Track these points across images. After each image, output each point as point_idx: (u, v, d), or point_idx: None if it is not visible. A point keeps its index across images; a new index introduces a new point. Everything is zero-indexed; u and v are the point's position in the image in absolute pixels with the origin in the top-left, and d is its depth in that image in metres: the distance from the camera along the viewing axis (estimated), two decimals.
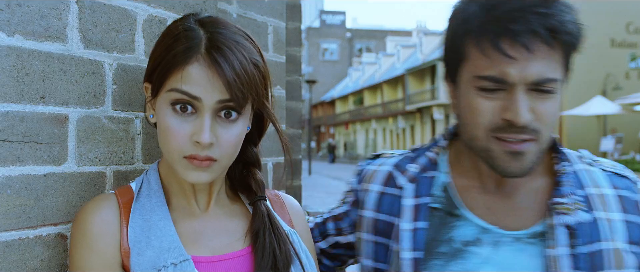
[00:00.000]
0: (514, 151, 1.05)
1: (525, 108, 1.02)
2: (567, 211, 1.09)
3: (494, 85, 1.04)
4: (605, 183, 1.15)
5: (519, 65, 1.01)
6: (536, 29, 0.99)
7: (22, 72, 1.00)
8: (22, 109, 1.00)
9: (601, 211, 1.11)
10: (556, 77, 1.04)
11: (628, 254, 1.10)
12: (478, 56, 1.05)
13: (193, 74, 0.97)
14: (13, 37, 0.99)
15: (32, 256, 1.02)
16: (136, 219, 1.03)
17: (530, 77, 1.01)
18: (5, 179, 0.98)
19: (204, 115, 0.98)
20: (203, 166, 1.00)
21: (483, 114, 1.05)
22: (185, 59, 0.97)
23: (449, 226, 1.15)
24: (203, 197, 1.11)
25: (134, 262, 0.99)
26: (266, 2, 1.74)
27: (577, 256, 1.07)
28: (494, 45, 1.01)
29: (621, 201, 1.14)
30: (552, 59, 1.02)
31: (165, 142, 1.01)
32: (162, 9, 1.25)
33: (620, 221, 1.12)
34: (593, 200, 1.12)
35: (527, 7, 1.00)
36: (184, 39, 1.00)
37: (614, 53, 24.11)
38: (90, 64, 1.12)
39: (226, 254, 1.07)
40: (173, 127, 0.99)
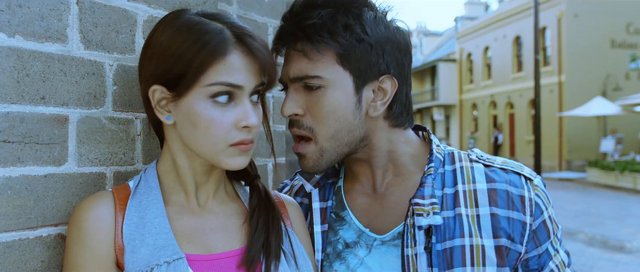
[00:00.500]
0: (296, 152, 1.20)
1: (290, 102, 1.17)
2: (423, 212, 1.13)
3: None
4: (481, 179, 1.18)
5: (284, 68, 1.19)
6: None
7: (22, 73, 1.00)
8: (23, 109, 1.00)
9: (465, 207, 1.15)
10: (313, 74, 1.14)
11: (491, 249, 1.12)
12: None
13: (234, 64, 1.00)
14: (13, 38, 0.99)
15: (33, 257, 1.02)
16: (131, 217, 1.03)
17: (291, 75, 1.17)
18: (6, 179, 0.98)
19: (245, 101, 1.03)
20: (248, 149, 1.05)
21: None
22: (223, 51, 0.99)
23: (336, 229, 1.26)
24: (205, 192, 1.12)
25: (128, 259, 0.99)
26: (266, 2, 1.74)
27: (432, 253, 1.12)
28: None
29: (493, 195, 1.16)
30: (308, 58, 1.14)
31: (207, 135, 1.01)
32: (162, 9, 1.25)
33: (487, 215, 1.14)
34: (457, 198, 1.16)
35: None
36: (208, 32, 1.00)
37: (614, 54, 24.10)
38: (90, 64, 1.12)
39: (222, 253, 1.07)
40: (217, 118, 1.00)
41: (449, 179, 1.20)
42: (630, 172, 16.55)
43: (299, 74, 1.15)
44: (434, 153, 1.23)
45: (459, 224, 1.14)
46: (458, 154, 1.25)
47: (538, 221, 1.16)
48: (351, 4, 1.15)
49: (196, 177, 1.10)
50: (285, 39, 1.18)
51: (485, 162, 1.23)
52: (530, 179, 1.19)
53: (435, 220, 1.12)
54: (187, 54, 0.99)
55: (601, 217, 11.41)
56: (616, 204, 13.53)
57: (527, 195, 1.16)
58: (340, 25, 1.13)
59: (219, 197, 1.15)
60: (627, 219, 11.23)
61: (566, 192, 16.16)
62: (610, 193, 16.01)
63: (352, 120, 1.17)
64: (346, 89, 1.15)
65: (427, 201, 1.14)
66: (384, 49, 1.16)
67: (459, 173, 1.20)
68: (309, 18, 1.13)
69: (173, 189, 1.10)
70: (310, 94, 1.16)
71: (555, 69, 24.30)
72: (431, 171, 1.19)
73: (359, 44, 1.13)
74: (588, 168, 19.61)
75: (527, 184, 1.18)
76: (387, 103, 1.20)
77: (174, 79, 1.01)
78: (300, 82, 1.16)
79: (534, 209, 1.16)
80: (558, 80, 24.13)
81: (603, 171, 18.20)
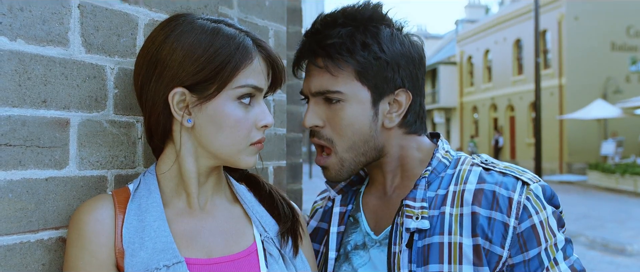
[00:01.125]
0: (320, 165, 1.29)
1: (311, 114, 1.26)
2: (412, 214, 1.18)
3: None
4: (473, 180, 1.20)
5: (306, 82, 1.29)
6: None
7: (23, 77, 1.00)
8: (24, 113, 1.01)
9: (451, 206, 1.17)
10: (334, 89, 1.23)
11: (469, 248, 1.13)
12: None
13: (257, 67, 1.06)
14: (15, 42, 0.99)
15: (33, 260, 1.02)
16: (131, 220, 1.03)
17: (312, 89, 1.26)
18: (7, 183, 0.98)
19: (262, 102, 1.09)
20: (261, 148, 1.11)
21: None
22: (251, 55, 1.05)
23: (350, 231, 1.34)
24: (203, 195, 1.12)
25: (128, 263, 0.99)
26: (267, 6, 1.75)
27: (413, 250, 1.16)
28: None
29: (479, 195, 1.16)
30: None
31: (232, 135, 1.05)
32: (163, 13, 1.26)
33: (468, 214, 1.15)
34: (446, 197, 1.19)
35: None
36: (234, 36, 1.04)
37: (614, 56, 24.10)
38: (91, 68, 1.12)
39: (221, 257, 1.07)
40: (242, 119, 1.05)
41: (446, 181, 1.23)
42: (630, 175, 16.53)
43: (320, 88, 1.24)
44: (436, 156, 1.27)
45: (441, 221, 1.16)
46: (464, 158, 1.28)
47: (525, 225, 1.12)
48: (369, 22, 1.23)
49: (200, 179, 1.10)
50: (307, 55, 1.27)
51: (486, 166, 1.23)
52: (527, 183, 1.16)
53: (423, 224, 1.16)
54: (219, 57, 1.01)
55: (602, 220, 11.39)
56: (617, 207, 13.51)
57: (516, 198, 1.14)
58: (358, 43, 1.21)
59: (219, 200, 1.15)
60: (627, 222, 11.22)
61: (567, 195, 16.14)
62: (610, 196, 16.00)
63: (368, 131, 1.25)
64: (364, 103, 1.23)
65: (417, 203, 1.19)
66: (399, 65, 1.24)
67: (456, 176, 1.23)
68: (329, 37, 1.22)
69: (173, 192, 1.10)
70: (330, 106, 1.24)
71: (556, 71, 24.30)
72: (426, 174, 1.24)
73: (376, 62, 1.21)
74: (589, 171, 19.60)
75: (522, 188, 1.15)
76: (402, 114, 1.27)
77: (202, 81, 1.01)
78: (321, 96, 1.25)
79: (520, 212, 1.12)
80: (558, 83, 24.13)
81: (604, 174, 18.18)
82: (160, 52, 1.03)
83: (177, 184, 1.10)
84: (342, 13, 1.24)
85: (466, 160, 1.27)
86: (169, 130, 1.08)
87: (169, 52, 1.02)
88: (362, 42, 1.21)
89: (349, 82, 1.22)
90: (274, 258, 1.12)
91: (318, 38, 1.24)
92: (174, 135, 1.08)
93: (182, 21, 1.05)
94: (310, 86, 1.26)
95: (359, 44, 1.21)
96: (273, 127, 1.83)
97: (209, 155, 1.08)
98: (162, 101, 1.04)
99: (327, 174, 1.29)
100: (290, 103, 2.31)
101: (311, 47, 1.25)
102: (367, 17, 1.24)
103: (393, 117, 1.26)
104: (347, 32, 1.22)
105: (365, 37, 1.22)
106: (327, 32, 1.23)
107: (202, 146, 1.07)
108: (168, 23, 1.07)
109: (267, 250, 1.12)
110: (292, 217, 1.20)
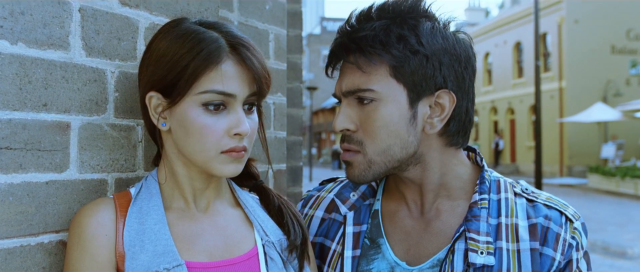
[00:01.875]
0: (344, 160, 1.17)
1: (342, 116, 1.15)
2: (477, 248, 1.10)
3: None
4: (523, 215, 1.15)
5: (338, 81, 1.18)
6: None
7: (24, 80, 1.01)
8: (25, 116, 1.01)
9: (507, 241, 1.12)
10: (365, 87, 1.12)
11: None
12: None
13: (227, 72, 1.01)
14: (16, 45, 0.99)
15: (34, 263, 1.02)
16: (132, 223, 1.03)
17: (343, 89, 1.16)
18: (7, 186, 0.98)
19: (238, 109, 1.03)
20: (240, 157, 1.04)
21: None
22: (217, 59, 1.00)
23: (371, 257, 1.20)
24: (203, 200, 1.12)
25: (128, 266, 0.99)
26: (267, 9, 1.75)
27: None
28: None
29: (534, 230, 1.13)
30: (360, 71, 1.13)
31: (199, 141, 1.02)
32: (163, 16, 1.26)
33: (526, 250, 1.12)
34: (500, 230, 1.13)
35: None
36: (204, 40, 1.01)
37: (614, 60, 24.11)
38: (92, 71, 1.12)
39: (222, 260, 1.07)
40: (209, 125, 1.01)
41: (494, 208, 1.16)
42: (631, 178, 16.52)
43: (351, 87, 1.12)
44: (486, 181, 1.18)
45: (499, 257, 1.11)
46: (504, 183, 1.21)
47: (566, 260, 1.13)
48: (408, 15, 1.11)
49: (194, 183, 1.10)
50: (338, 52, 1.15)
51: (529, 197, 1.19)
52: (570, 221, 1.15)
53: (489, 261, 1.09)
54: (182, 62, 1.00)
55: (602, 223, 11.38)
56: (617, 210, 13.50)
57: (563, 235, 1.13)
58: (393, 36, 1.09)
59: (220, 203, 1.15)
60: (628, 225, 11.21)
61: (567, 198, 16.12)
62: (611, 199, 15.99)
63: (406, 136, 1.12)
64: (400, 103, 1.11)
65: (482, 237, 1.11)
66: (441, 61, 1.10)
67: (504, 205, 1.16)
68: (362, 30, 1.10)
69: (173, 195, 1.11)
70: (363, 108, 1.13)
71: (556, 74, 24.31)
72: (485, 204, 1.15)
73: (414, 56, 1.08)
74: (589, 174, 19.59)
75: (567, 224, 1.15)
76: (445, 119, 1.14)
77: (169, 86, 1.02)
78: (353, 96, 1.13)
79: (566, 249, 1.13)
80: (559, 86, 24.13)
81: (604, 177, 18.18)
82: (144, 57, 1.08)
83: (173, 187, 1.11)
84: (378, 7, 1.13)
85: (507, 186, 1.20)
86: (160, 135, 1.11)
87: (148, 56, 1.06)
88: (398, 34, 1.08)
89: (383, 79, 1.10)
90: (275, 262, 1.12)
91: (350, 33, 1.13)
92: (162, 139, 1.11)
93: (168, 26, 1.08)
94: (342, 85, 1.15)
95: (394, 37, 1.08)
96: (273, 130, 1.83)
97: (189, 161, 1.07)
98: (144, 105, 1.07)
99: (351, 172, 1.15)
100: (290, 106, 2.31)
101: (343, 43, 1.13)
102: (406, 10, 1.12)
103: (434, 123, 1.13)
104: (382, 25, 1.10)
105: (402, 29, 1.09)
106: (360, 26, 1.12)
107: (180, 151, 1.07)
108: (161, 28, 1.10)
109: (268, 254, 1.12)
110: (302, 236, 1.17)
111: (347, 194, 1.28)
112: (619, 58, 24.12)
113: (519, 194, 1.19)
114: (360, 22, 1.13)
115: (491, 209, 1.15)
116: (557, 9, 24.19)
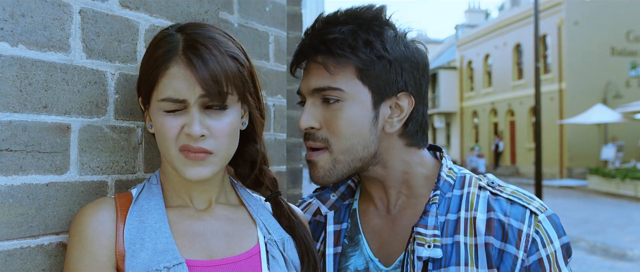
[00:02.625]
0: (309, 160, 1.20)
1: (307, 115, 1.18)
2: (424, 242, 1.13)
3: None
4: (483, 208, 1.16)
5: (304, 80, 1.21)
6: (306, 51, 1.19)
7: (25, 82, 1.01)
8: (25, 118, 1.01)
9: (465, 235, 1.14)
10: (334, 86, 1.17)
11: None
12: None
13: (175, 76, 1.01)
14: (16, 47, 0.99)
15: (34, 265, 1.02)
16: (132, 221, 1.03)
17: (311, 87, 1.19)
18: (8, 188, 0.98)
19: (192, 110, 1.01)
20: (199, 159, 1.02)
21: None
22: (165, 63, 1.01)
23: (348, 254, 1.26)
24: (201, 199, 1.12)
25: (128, 264, 0.99)
26: (267, 11, 1.75)
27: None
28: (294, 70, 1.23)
29: (491, 224, 1.13)
30: (326, 71, 1.17)
31: (162, 141, 1.04)
32: (163, 18, 1.26)
33: (482, 245, 1.12)
34: (458, 225, 1.15)
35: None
36: (162, 44, 1.04)
37: (614, 61, 24.13)
38: (92, 73, 1.12)
39: (222, 259, 1.07)
40: (166, 123, 1.02)
41: (455, 204, 1.18)
42: (631, 180, 16.52)
43: (321, 85, 1.17)
44: (443, 177, 1.22)
45: (456, 252, 1.13)
46: (469, 178, 1.23)
47: (533, 258, 1.11)
48: (372, 22, 1.18)
49: (187, 183, 1.10)
50: (306, 52, 1.20)
51: (493, 190, 1.20)
52: (535, 214, 1.14)
53: (435, 253, 1.12)
54: (143, 68, 1.06)
55: (602, 225, 11.38)
56: (617, 212, 13.49)
57: (525, 230, 1.12)
58: (361, 41, 1.15)
59: (222, 202, 1.16)
60: (628, 227, 11.20)
61: (567, 199, 16.13)
62: (611, 201, 15.98)
63: (368, 135, 1.18)
64: (364, 103, 1.17)
65: (429, 231, 1.14)
66: (403, 67, 1.18)
67: (465, 199, 1.18)
68: (331, 33, 1.16)
69: (174, 194, 1.11)
70: (327, 107, 1.18)
71: (556, 76, 24.32)
72: (436, 199, 1.18)
73: (379, 60, 1.15)
74: (589, 176, 19.59)
75: (530, 219, 1.13)
76: (403, 120, 1.21)
77: (143, 91, 1.07)
78: (319, 95, 1.18)
79: (529, 245, 1.11)
80: (558, 87, 24.14)
81: (604, 179, 18.18)
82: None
83: (172, 187, 1.11)
84: (345, 13, 1.19)
85: (472, 181, 1.22)
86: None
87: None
88: (365, 39, 1.15)
89: (350, 80, 1.16)
90: (277, 261, 1.12)
91: (319, 34, 1.18)
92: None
93: (162, 30, 1.11)
94: (309, 84, 1.19)
95: (361, 41, 1.15)
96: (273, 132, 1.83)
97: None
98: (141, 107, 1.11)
99: (315, 172, 1.20)
100: (290, 108, 2.31)
101: (311, 44, 1.18)
102: (371, 17, 1.18)
103: (394, 122, 1.20)
104: (349, 29, 1.15)
105: (368, 35, 1.16)
106: (328, 29, 1.17)
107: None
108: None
109: (270, 252, 1.13)
110: (313, 262, 1.18)
111: (327, 195, 1.33)
112: (619, 60, 24.14)
113: (484, 188, 1.20)
114: (327, 25, 1.18)
115: (452, 204, 1.18)
116: (557, 11, 24.21)
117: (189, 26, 1.07)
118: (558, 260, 1.13)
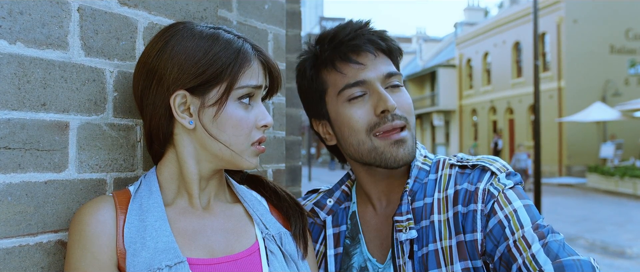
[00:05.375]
0: (396, 140, 1.25)
1: (390, 96, 1.25)
2: (402, 227, 1.23)
3: (360, 90, 1.26)
4: (452, 184, 1.26)
5: (369, 68, 1.27)
6: (373, 39, 1.29)
7: (23, 80, 1.01)
8: (23, 116, 1.01)
9: (439, 213, 1.23)
10: (398, 72, 1.31)
11: (455, 247, 1.18)
12: (336, 77, 1.29)
13: (257, 68, 1.10)
14: (15, 45, 0.99)
15: (32, 263, 1.02)
16: (133, 220, 1.03)
17: (381, 73, 1.27)
18: (6, 186, 0.98)
19: (260, 103, 1.12)
20: (263, 151, 1.13)
21: (360, 118, 1.26)
22: (250, 57, 1.08)
23: (351, 253, 1.35)
24: (206, 195, 1.14)
25: (130, 263, 0.99)
26: (266, 9, 1.75)
27: (414, 260, 1.22)
28: (346, 60, 1.27)
29: (456, 196, 1.23)
30: (388, 60, 1.31)
31: (234, 135, 1.07)
32: (162, 16, 1.26)
33: (451, 217, 1.21)
34: (433, 206, 1.25)
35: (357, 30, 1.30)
36: (234, 41, 1.08)
37: (613, 59, 24.13)
38: (91, 71, 1.12)
39: (223, 256, 1.08)
40: (243, 118, 1.07)
41: (430, 188, 1.28)
42: (630, 178, 16.54)
43: (391, 70, 1.29)
44: (416, 166, 1.31)
45: (432, 230, 1.22)
46: (442, 161, 1.33)
47: (489, 205, 1.17)
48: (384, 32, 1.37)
49: (201, 182, 1.12)
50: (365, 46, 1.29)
51: (462, 164, 1.28)
52: (495, 174, 1.21)
53: (411, 234, 1.21)
54: (220, 60, 1.05)
55: (601, 223, 11.39)
56: (616, 210, 13.51)
57: (482, 186, 1.20)
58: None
59: (220, 199, 1.16)
60: (627, 225, 11.22)
61: (566, 197, 16.15)
62: (610, 199, 16.00)
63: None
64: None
65: (404, 217, 1.24)
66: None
67: (438, 182, 1.28)
68: (382, 32, 1.32)
69: (175, 193, 1.11)
70: (395, 91, 1.29)
71: (555, 74, 24.33)
72: (407, 187, 1.28)
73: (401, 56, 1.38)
74: (588, 174, 19.60)
75: (490, 178, 1.21)
76: None
77: (203, 84, 1.04)
78: (388, 81, 1.28)
79: (486, 196, 1.18)
80: (557, 85, 24.15)
81: (603, 177, 18.19)
82: (161, 57, 1.06)
83: (179, 186, 1.11)
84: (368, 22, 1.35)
85: (445, 163, 1.31)
86: (170, 135, 1.10)
87: (170, 56, 1.05)
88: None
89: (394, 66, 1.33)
90: (275, 255, 1.12)
91: (372, 32, 1.30)
92: (175, 138, 1.10)
93: (181, 28, 1.09)
94: (381, 70, 1.28)
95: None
96: (273, 130, 1.83)
97: (211, 157, 1.09)
98: (164, 105, 1.06)
99: (405, 150, 1.26)
100: (289, 106, 2.31)
101: (370, 39, 1.29)
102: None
103: None
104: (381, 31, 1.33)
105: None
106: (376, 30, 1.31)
107: (204, 148, 1.08)
108: (167, 30, 1.10)
109: (268, 247, 1.13)
110: (301, 214, 1.23)
111: (324, 201, 1.41)
112: (618, 58, 24.14)
113: (454, 165, 1.29)
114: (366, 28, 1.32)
115: (428, 188, 1.28)
116: (556, 9, 24.21)
117: (223, 27, 1.13)
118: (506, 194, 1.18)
